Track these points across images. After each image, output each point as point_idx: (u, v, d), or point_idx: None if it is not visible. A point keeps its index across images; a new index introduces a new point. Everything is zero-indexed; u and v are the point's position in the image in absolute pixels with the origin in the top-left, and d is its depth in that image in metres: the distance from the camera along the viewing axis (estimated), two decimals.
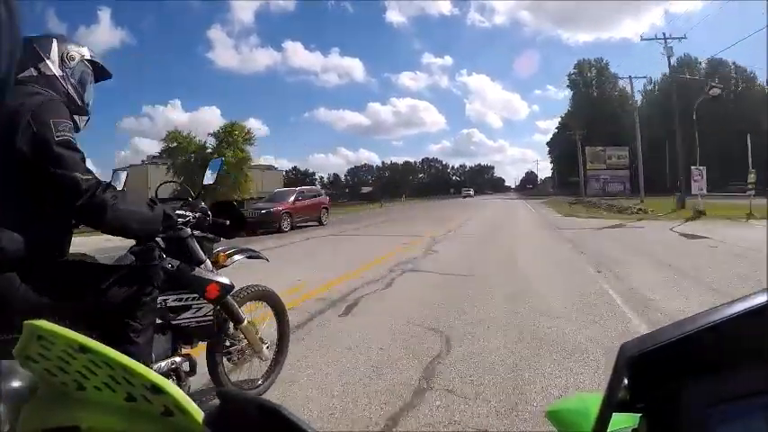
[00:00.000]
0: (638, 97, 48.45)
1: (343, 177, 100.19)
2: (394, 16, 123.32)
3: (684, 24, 59.45)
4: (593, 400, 0.48)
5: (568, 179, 51.58)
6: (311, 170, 79.15)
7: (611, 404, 0.34)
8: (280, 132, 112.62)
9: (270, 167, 66.08)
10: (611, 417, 0.35)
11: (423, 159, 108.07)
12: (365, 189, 77.00)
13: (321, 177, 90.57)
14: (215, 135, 37.92)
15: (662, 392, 0.35)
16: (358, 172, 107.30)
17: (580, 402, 0.75)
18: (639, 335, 0.35)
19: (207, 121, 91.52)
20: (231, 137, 37.03)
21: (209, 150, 37.30)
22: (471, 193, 69.47)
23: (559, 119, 60.52)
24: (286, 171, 78.02)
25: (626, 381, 0.34)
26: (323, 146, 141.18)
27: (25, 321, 0.49)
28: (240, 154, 35.78)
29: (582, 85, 48.26)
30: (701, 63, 44.88)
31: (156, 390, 0.45)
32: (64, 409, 0.52)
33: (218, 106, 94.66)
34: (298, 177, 77.34)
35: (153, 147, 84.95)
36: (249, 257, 2.44)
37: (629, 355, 0.34)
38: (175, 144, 37.58)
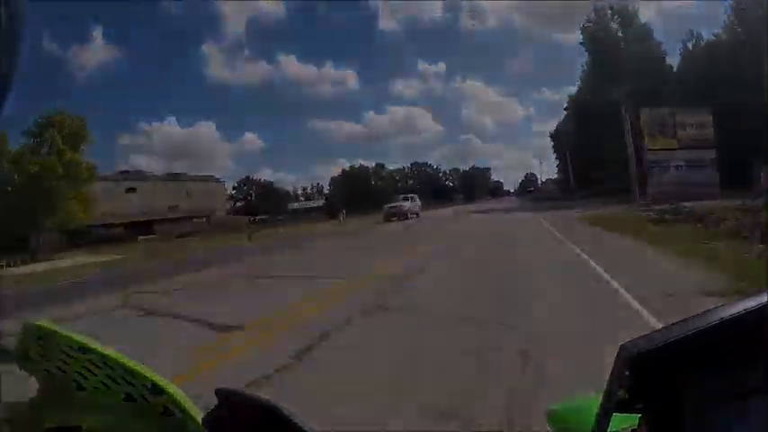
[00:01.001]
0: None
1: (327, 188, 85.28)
2: (387, 25, 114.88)
3: None
4: (593, 400, 0.47)
5: (591, 175, 35.95)
6: (266, 179, 63.97)
7: (611, 404, 0.34)
8: (278, 145, 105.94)
9: (207, 178, 51.34)
10: (611, 417, 0.34)
11: (412, 163, 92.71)
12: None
13: (305, 188, 76.02)
14: (29, 133, 23.11)
15: (662, 392, 0.34)
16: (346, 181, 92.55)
17: (580, 402, 0.73)
18: (639, 335, 0.34)
19: (203, 133, 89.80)
20: (60, 132, 22.30)
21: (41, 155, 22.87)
22: (409, 206, 31.01)
23: (567, 98, 45.45)
24: (238, 182, 62.93)
25: (626, 380, 0.33)
26: (322, 157, 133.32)
27: (25, 321, 0.49)
28: (53, 162, 21.05)
29: (605, 37, 32.35)
30: None
31: (156, 390, 0.45)
32: (64, 409, 0.50)
33: (215, 121, 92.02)
34: (249, 190, 61.96)
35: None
36: None
37: (628, 355, 0.33)
38: None
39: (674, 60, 34.93)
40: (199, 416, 0.42)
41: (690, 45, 33.63)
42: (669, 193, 18.87)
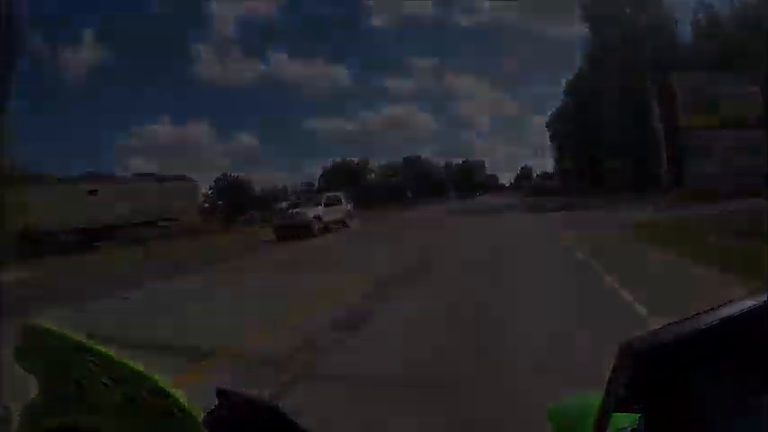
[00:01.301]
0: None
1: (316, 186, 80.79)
2: (379, 21, 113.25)
3: None
4: (593, 400, 0.47)
5: (598, 165, 31.80)
6: (243, 177, 59.37)
7: (611, 404, 0.34)
8: (274, 145, 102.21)
9: (179, 177, 46.95)
10: (611, 416, 0.35)
11: (404, 158, 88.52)
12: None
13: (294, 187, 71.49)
14: None
15: (662, 392, 0.34)
16: (334, 178, 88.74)
17: (580, 402, 0.72)
18: (639, 335, 0.34)
19: (195, 133, 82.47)
20: None
21: None
22: (318, 213, 19.39)
23: (567, 83, 41.29)
24: (216, 180, 58.36)
25: (626, 379, 0.33)
26: (317, 155, 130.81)
27: (25, 321, 0.50)
28: None
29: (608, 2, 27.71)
30: None
31: (156, 390, 0.45)
32: (64, 409, 0.50)
33: (208, 122, 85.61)
34: (226, 188, 57.60)
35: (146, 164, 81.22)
36: None
37: (628, 354, 0.33)
38: None
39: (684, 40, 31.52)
40: (199, 416, 0.42)
41: (701, 17, 30.01)
42: (712, 187, 14.65)
